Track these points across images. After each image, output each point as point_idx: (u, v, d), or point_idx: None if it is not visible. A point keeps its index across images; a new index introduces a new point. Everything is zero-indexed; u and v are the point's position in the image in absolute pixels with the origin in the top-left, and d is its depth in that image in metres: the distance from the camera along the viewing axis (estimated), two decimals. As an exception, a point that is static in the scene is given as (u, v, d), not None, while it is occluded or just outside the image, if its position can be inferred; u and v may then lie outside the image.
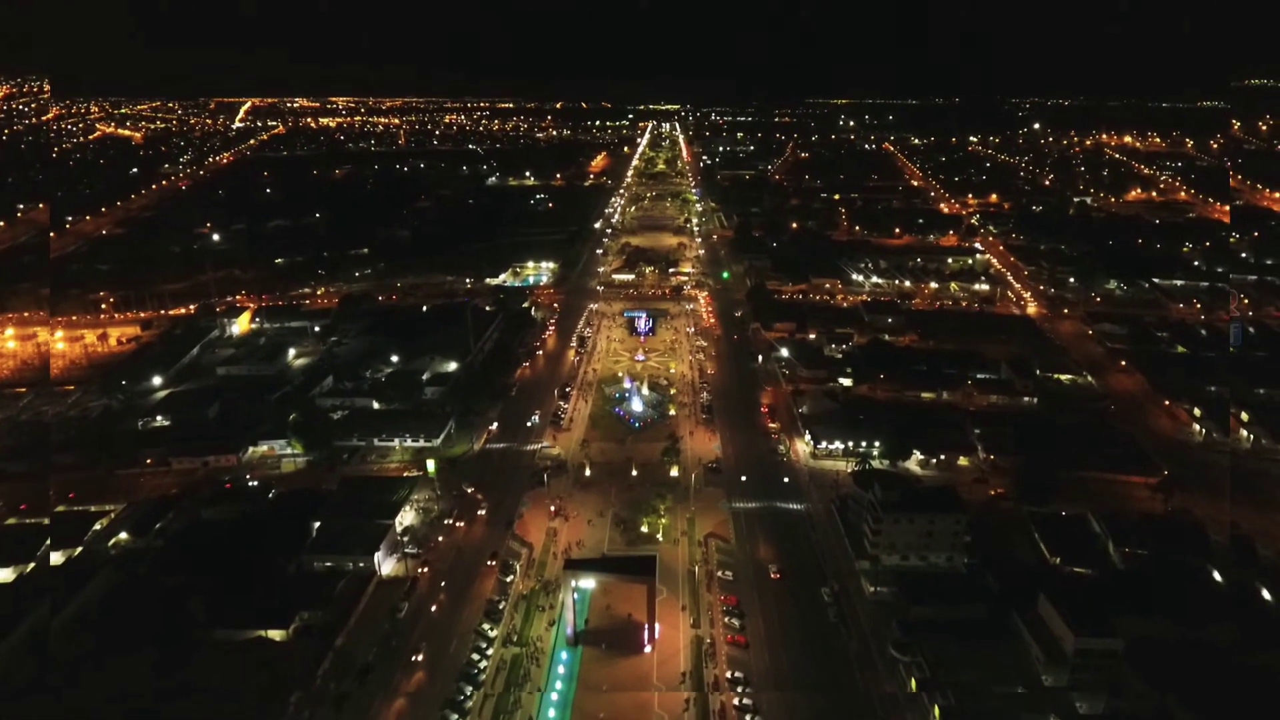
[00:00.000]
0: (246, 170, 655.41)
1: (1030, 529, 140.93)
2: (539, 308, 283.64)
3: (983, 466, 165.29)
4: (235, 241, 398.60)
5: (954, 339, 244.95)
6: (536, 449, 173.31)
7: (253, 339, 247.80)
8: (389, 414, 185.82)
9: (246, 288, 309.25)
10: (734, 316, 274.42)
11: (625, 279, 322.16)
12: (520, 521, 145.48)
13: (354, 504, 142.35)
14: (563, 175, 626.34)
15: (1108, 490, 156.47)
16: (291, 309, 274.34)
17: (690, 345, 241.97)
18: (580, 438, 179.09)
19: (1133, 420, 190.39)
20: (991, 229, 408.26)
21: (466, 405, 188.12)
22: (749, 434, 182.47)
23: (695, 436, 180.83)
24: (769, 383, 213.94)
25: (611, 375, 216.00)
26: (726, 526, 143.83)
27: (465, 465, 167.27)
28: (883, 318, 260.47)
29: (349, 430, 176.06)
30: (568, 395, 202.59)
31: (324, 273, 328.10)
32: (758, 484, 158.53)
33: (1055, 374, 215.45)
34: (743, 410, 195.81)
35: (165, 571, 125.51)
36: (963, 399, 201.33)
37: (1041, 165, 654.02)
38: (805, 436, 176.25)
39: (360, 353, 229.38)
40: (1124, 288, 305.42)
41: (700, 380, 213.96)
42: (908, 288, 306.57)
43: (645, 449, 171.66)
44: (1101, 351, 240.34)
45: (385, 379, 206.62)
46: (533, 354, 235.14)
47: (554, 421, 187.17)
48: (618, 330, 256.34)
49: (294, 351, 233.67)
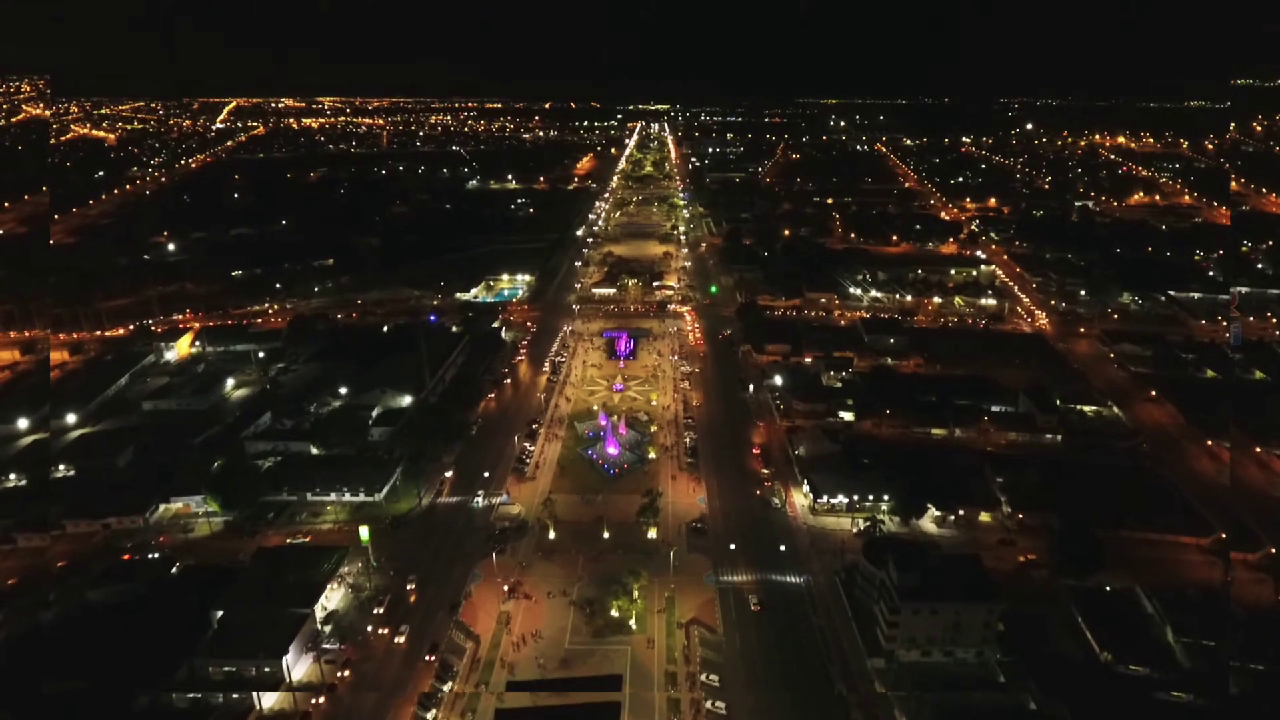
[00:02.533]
0: (218, 174, 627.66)
1: (1070, 608, 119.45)
2: (511, 327, 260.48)
3: (1007, 524, 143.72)
4: (193, 252, 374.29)
5: (962, 362, 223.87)
6: (495, 504, 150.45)
7: (191, 366, 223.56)
8: (328, 461, 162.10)
9: (195, 304, 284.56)
10: (722, 336, 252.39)
11: (606, 293, 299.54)
12: (469, 603, 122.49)
13: (267, 584, 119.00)
14: (547, 178, 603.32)
15: (1153, 554, 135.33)
16: (238, 330, 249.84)
17: (674, 372, 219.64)
18: (546, 489, 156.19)
19: (1169, 462, 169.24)
20: (993, 235, 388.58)
21: (418, 449, 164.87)
22: (739, 481, 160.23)
23: (678, 485, 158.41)
24: (761, 416, 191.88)
25: (585, 410, 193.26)
26: (713, 608, 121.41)
27: (410, 526, 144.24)
28: (884, 338, 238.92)
29: (279, 482, 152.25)
30: (536, 434, 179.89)
31: (282, 287, 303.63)
32: (749, 549, 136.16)
33: (1078, 405, 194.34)
34: (732, 451, 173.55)
35: (21, 683, 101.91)
36: (978, 436, 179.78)
37: (1038, 167, 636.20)
38: (803, 487, 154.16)
39: (306, 383, 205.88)
40: (1139, 301, 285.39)
41: (685, 414, 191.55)
42: (909, 302, 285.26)
43: (620, 503, 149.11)
44: (1124, 376, 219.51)
45: (329, 416, 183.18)
46: (500, 383, 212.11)
47: (517, 468, 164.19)
48: (595, 354, 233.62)
49: (233, 381, 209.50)
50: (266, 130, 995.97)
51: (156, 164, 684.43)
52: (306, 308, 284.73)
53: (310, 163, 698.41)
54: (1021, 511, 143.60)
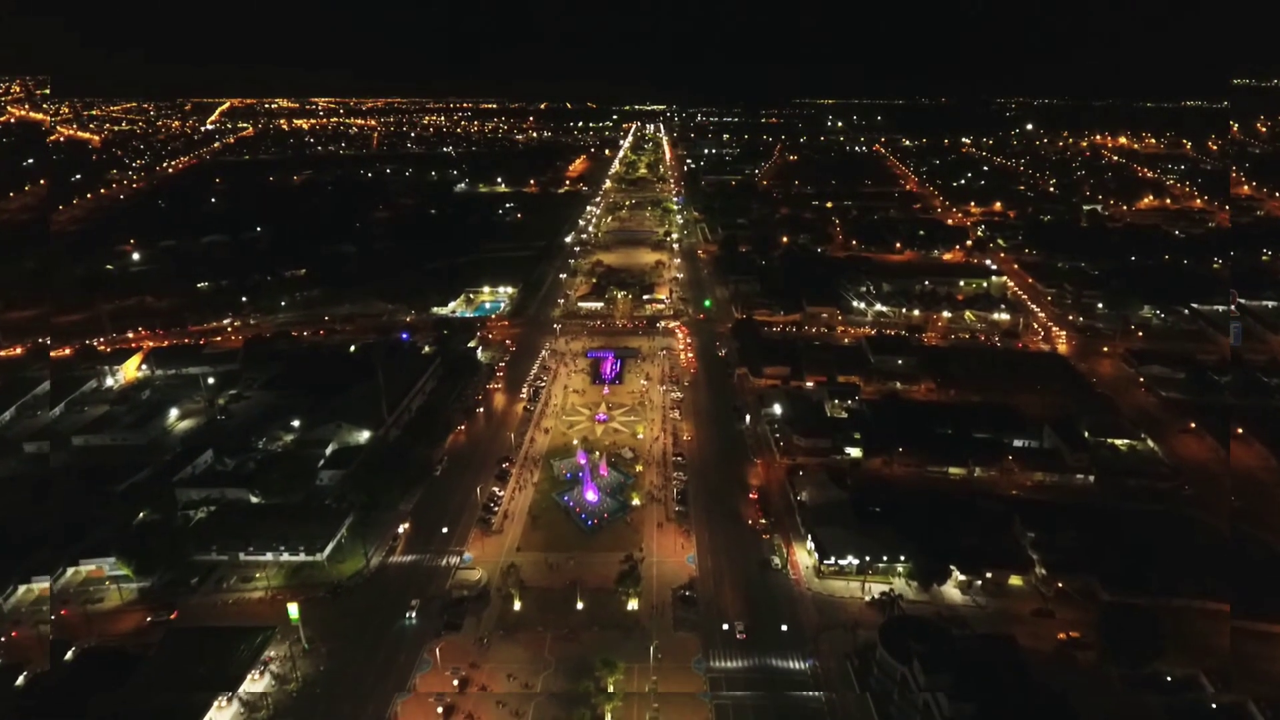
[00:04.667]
0: (199, 177, 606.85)
1: (1126, 705, 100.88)
2: (489, 346, 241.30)
3: (1043, 590, 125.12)
4: (160, 261, 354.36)
5: (978, 387, 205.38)
6: (454, 565, 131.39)
7: (135, 392, 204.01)
8: (269, 512, 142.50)
9: (153, 320, 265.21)
10: (717, 356, 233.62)
11: (593, 307, 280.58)
12: (407, 704, 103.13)
13: (172, 677, 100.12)
14: (537, 181, 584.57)
15: (1210, 627, 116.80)
16: (191, 351, 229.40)
17: (663, 398, 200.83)
18: (514, 544, 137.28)
19: (1216, 509, 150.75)
20: (1000, 242, 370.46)
21: (371, 497, 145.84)
22: (734, 534, 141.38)
23: (664, 538, 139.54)
24: (759, 452, 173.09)
25: (564, 445, 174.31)
26: (703, 711, 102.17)
27: (354, 595, 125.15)
28: (891, 359, 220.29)
29: (208, 540, 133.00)
30: (506, 475, 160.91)
31: (248, 300, 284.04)
32: (747, 625, 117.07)
33: (1108, 438, 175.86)
34: (726, 495, 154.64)
35: None
36: (1000, 477, 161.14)
37: (1041, 169, 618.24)
38: (807, 543, 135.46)
39: (258, 414, 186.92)
40: (1161, 315, 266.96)
41: (674, 450, 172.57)
42: (916, 317, 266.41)
43: (598, 564, 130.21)
44: (1155, 402, 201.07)
45: (275, 457, 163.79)
46: (472, 412, 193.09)
47: (484, 518, 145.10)
48: (578, 377, 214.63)
49: (177, 412, 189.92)
50: (256, 131, 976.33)
51: (138, 166, 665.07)
52: (271, 324, 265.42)
53: (296, 165, 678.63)
54: (1059, 577, 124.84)
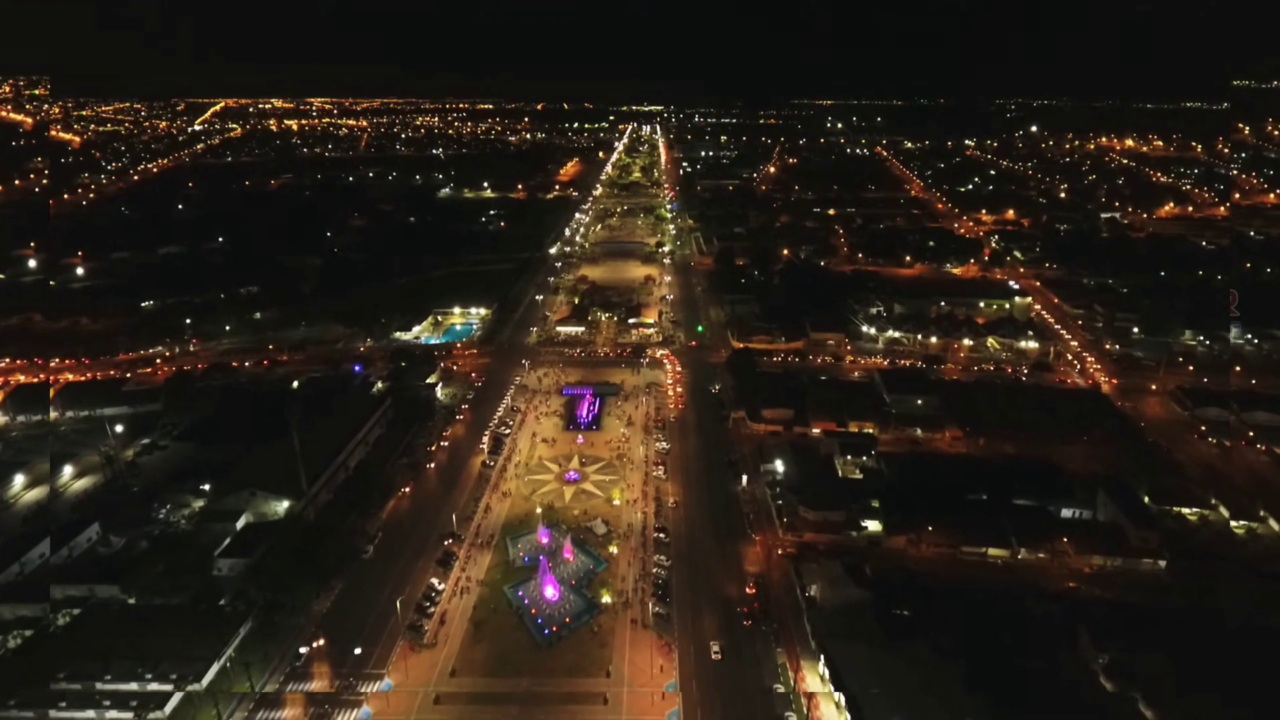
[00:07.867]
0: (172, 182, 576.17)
1: None
2: (451, 381, 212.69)
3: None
4: (111, 274, 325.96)
5: (1010, 434, 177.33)
6: (355, 714, 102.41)
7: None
8: (141, 620, 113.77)
9: (84, 347, 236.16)
10: (710, 392, 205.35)
11: (573, 332, 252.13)
12: None
13: None
14: (526, 185, 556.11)
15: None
16: (109, 388, 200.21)
17: (647, 449, 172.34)
18: (447, 667, 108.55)
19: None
20: (1017, 255, 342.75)
21: (274, 597, 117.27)
22: (728, 649, 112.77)
23: (638, 657, 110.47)
24: (758, 524, 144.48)
25: (524, 515, 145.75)
26: None
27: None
28: (909, 399, 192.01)
29: (53, 663, 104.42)
30: (450, 560, 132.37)
31: (191, 323, 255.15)
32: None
33: (1173, 506, 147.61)
34: (718, 584, 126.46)
35: None
36: (1050, 561, 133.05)
37: (1051, 173, 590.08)
38: (819, 666, 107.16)
39: (168, 472, 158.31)
40: (1206, 342, 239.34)
41: (656, 523, 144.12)
42: (934, 345, 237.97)
43: (551, 699, 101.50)
44: (1215, 452, 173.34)
45: (177, 533, 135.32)
46: (421, 468, 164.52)
47: (414, 625, 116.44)
48: (549, 422, 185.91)
49: (71, 470, 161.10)
50: (244, 132, 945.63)
51: (114, 169, 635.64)
52: (213, 352, 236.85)
53: (276, 168, 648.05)
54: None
